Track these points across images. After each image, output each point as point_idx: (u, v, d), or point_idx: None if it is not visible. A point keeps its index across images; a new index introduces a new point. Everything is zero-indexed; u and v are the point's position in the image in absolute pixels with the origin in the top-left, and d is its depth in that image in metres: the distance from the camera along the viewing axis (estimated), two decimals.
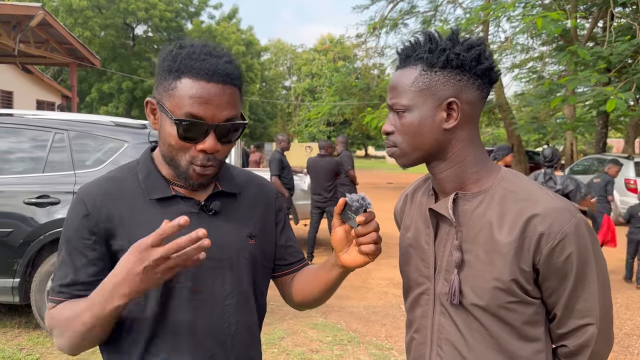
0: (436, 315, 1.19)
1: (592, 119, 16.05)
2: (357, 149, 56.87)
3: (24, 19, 12.07)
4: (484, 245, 1.12)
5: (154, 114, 1.21)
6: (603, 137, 17.43)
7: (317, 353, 4.22)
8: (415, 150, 1.16)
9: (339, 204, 1.16)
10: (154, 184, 1.21)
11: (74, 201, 1.21)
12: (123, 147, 4.36)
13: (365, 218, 1.12)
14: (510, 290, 1.10)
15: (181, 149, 1.15)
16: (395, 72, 1.18)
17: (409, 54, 1.15)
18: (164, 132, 1.16)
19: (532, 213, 1.07)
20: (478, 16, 12.61)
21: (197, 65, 1.12)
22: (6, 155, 4.41)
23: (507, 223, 1.10)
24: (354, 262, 1.18)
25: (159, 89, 1.16)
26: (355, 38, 19.75)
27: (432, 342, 1.20)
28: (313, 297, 1.34)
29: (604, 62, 10.35)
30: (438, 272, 1.19)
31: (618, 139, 35.01)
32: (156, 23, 33.98)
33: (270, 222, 1.38)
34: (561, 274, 1.09)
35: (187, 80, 1.11)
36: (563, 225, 1.06)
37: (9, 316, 4.80)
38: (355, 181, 8.16)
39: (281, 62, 57.17)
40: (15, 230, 4.16)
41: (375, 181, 23.17)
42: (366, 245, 1.13)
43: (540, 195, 1.10)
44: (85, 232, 1.17)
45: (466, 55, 1.10)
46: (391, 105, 1.17)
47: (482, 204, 1.14)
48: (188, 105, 1.11)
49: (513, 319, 1.12)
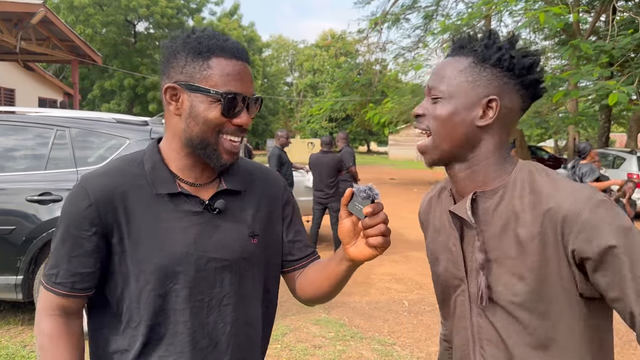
0: (474, 316, 1.17)
1: (595, 114, 16.01)
2: (360, 144, 56.83)
3: (25, 16, 12.07)
4: (510, 240, 1.09)
5: (174, 100, 1.19)
6: (606, 131, 17.38)
7: (319, 349, 4.22)
8: (444, 141, 1.13)
9: (346, 194, 1.12)
10: (160, 178, 1.20)
11: (76, 190, 1.18)
12: (125, 144, 4.36)
13: (372, 209, 1.08)
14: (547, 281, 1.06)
15: (218, 127, 1.16)
16: (445, 59, 1.17)
17: (464, 44, 1.15)
18: (197, 112, 1.16)
19: (551, 202, 1.04)
20: (480, 11, 12.56)
21: (225, 45, 1.17)
22: (8, 152, 4.42)
23: (528, 215, 1.07)
24: (362, 255, 1.14)
25: (184, 73, 1.16)
26: (357, 33, 19.72)
27: (474, 342, 1.17)
28: (322, 292, 1.30)
29: (607, 56, 10.31)
30: (470, 274, 1.16)
31: (621, 134, 34.92)
32: (157, 20, 33.99)
33: (276, 217, 1.36)
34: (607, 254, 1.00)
35: (218, 59, 1.16)
36: (585, 202, 1.01)
37: (12, 313, 4.81)
38: (356, 177, 8.16)
39: (283, 58, 57.14)
40: (18, 228, 4.17)
41: (378, 177, 23.13)
42: (374, 237, 1.09)
43: (556, 184, 1.07)
44: (85, 223, 1.16)
45: (520, 60, 1.10)
46: (430, 88, 1.15)
47: (503, 200, 1.11)
48: (227, 82, 1.15)
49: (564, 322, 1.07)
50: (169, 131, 1.23)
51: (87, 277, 1.18)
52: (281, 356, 4.08)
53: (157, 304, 1.17)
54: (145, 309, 1.17)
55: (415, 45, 18.82)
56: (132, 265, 1.17)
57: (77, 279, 1.18)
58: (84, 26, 30.90)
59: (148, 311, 1.17)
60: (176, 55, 1.18)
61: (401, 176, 24.79)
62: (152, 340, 1.18)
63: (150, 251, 1.16)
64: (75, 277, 1.18)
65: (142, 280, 1.16)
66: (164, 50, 1.22)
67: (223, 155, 1.19)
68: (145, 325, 1.17)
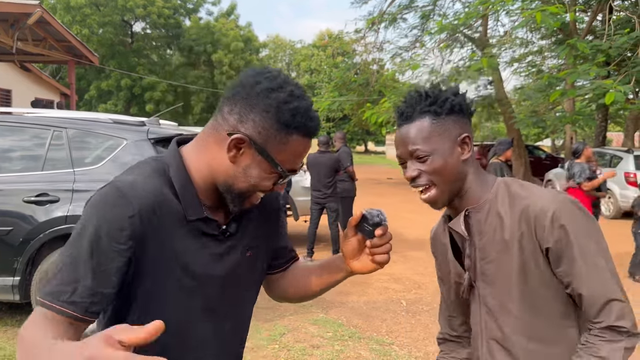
0: (482, 314, 1.38)
1: (592, 113, 16.02)
2: (357, 144, 56.80)
3: (21, 16, 12.03)
4: (498, 245, 1.31)
5: (237, 149, 1.12)
6: (603, 130, 17.41)
7: (318, 349, 4.22)
8: (447, 184, 1.32)
9: (357, 216, 1.26)
10: (190, 201, 1.16)
11: (114, 195, 1.05)
12: (122, 144, 4.35)
13: (383, 232, 1.23)
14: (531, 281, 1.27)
15: (259, 189, 1.18)
16: (403, 127, 1.34)
17: (412, 110, 1.33)
18: (253, 174, 1.14)
19: (523, 206, 1.27)
20: (477, 10, 12.56)
21: (309, 124, 1.14)
22: (5, 153, 4.41)
23: (509, 219, 1.29)
24: (365, 269, 1.29)
25: (261, 133, 1.11)
26: (354, 33, 19.66)
27: (482, 337, 1.39)
28: (311, 294, 1.42)
29: (603, 56, 10.32)
30: (477, 279, 1.37)
31: (618, 133, 34.99)
32: (154, 20, 33.93)
33: (272, 227, 1.39)
34: (567, 251, 1.22)
35: (297, 137, 1.13)
36: (551, 203, 1.24)
37: (9, 314, 4.80)
38: (354, 177, 8.15)
39: (280, 58, 57.08)
40: (15, 229, 4.16)
41: (375, 177, 23.14)
42: (381, 255, 1.25)
43: (529, 192, 1.30)
44: (123, 235, 1.04)
45: (458, 100, 1.33)
46: (411, 153, 1.32)
47: (490, 211, 1.33)
48: (293, 161, 1.16)
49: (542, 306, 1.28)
50: (208, 156, 1.17)
51: (106, 298, 1.05)
52: (279, 356, 4.07)
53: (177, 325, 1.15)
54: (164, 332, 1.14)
55: (412, 45, 18.79)
56: (158, 285, 1.12)
57: (97, 299, 1.03)
58: (81, 26, 30.81)
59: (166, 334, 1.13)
60: (262, 112, 1.11)
61: (399, 176, 24.77)
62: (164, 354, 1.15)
63: (179, 272, 1.14)
64: (96, 296, 1.02)
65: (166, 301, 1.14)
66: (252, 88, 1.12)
67: (246, 205, 1.21)
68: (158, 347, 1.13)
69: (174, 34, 36.00)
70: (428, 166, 1.30)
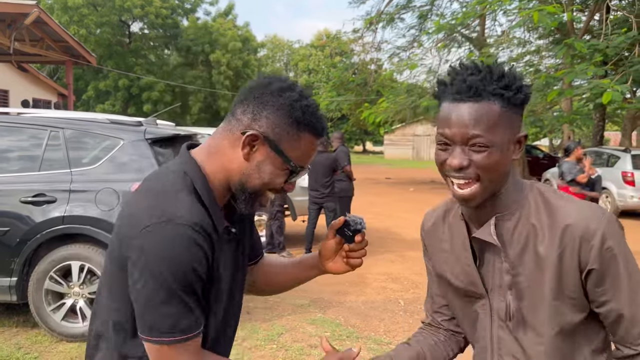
0: (494, 328, 1.26)
1: (589, 112, 16.05)
2: (355, 144, 56.84)
3: (18, 17, 12.01)
4: (530, 259, 1.18)
5: (251, 146, 1.17)
6: (600, 130, 17.44)
7: (315, 348, 4.22)
8: (493, 183, 1.16)
9: (339, 221, 1.36)
10: (216, 213, 1.18)
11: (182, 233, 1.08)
12: (119, 144, 4.34)
13: (361, 238, 1.36)
14: (563, 300, 1.16)
15: (271, 187, 1.22)
16: (463, 104, 1.12)
17: (482, 87, 1.11)
18: (267, 170, 1.19)
19: (567, 222, 1.14)
20: (475, 10, 12.59)
21: (319, 123, 1.20)
22: (2, 154, 4.40)
23: (546, 235, 1.16)
24: (338, 270, 1.43)
25: (275, 132, 1.16)
26: (352, 33, 19.69)
27: (493, 352, 1.27)
28: (281, 287, 1.56)
29: (601, 55, 10.35)
30: (492, 290, 1.25)
31: (615, 132, 35.06)
32: (152, 20, 33.93)
33: (251, 222, 1.45)
34: (611, 270, 1.13)
35: (309, 135, 1.19)
36: (599, 223, 1.13)
37: (6, 315, 4.79)
38: (351, 177, 8.15)
39: (278, 58, 57.09)
40: (12, 229, 4.15)
41: (373, 176, 23.15)
42: (355, 259, 1.40)
43: (568, 204, 1.17)
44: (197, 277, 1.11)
45: (529, 90, 1.18)
46: (469, 139, 1.12)
47: (520, 220, 1.19)
48: (305, 158, 1.21)
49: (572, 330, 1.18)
50: (223, 158, 1.20)
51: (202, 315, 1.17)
52: (277, 356, 4.07)
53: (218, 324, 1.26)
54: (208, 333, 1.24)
55: (410, 45, 18.84)
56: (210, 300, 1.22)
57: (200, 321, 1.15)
58: (78, 27, 30.79)
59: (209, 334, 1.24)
60: (275, 110, 1.16)
61: (397, 175, 24.81)
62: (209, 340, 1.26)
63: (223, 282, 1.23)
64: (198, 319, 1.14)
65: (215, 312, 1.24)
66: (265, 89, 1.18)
67: (256, 207, 1.25)
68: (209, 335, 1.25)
69: (171, 34, 36.01)
70: (484, 159, 1.11)
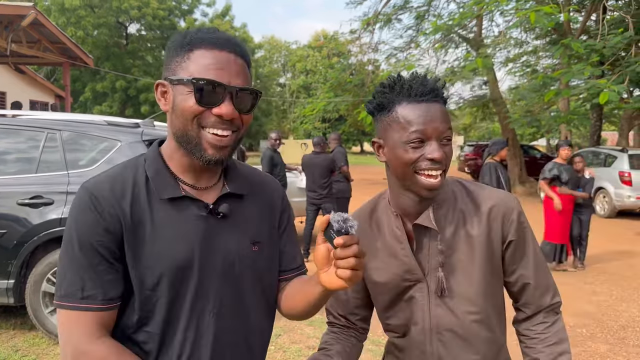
0: (432, 308, 1.35)
1: (586, 112, 16.07)
2: (353, 145, 56.85)
3: (15, 18, 12.00)
4: (461, 239, 1.34)
5: (164, 97, 1.18)
6: (597, 130, 17.47)
7: (314, 350, 4.22)
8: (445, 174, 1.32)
9: (323, 220, 1.09)
10: (163, 183, 1.17)
11: (83, 197, 1.12)
12: (116, 146, 4.34)
13: (344, 241, 1.02)
14: (492, 272, 1.35)
15: (196, 117, 1.12)
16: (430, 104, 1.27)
17: (437, 90, 1.28)
18: (178, 105, 1.13)
19: (490, 205, 1.35)
20: (472, 10, 12.60)
21: (207, 36, 1.15)
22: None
23: (474, 218, 1.35)
24: (331, 284, 1.09)
25: (169, 68, 1.17)
26: (349, 34, 19.69)
27: (432, 331, 1.36)
28: (298, 311, 1.29)
29: (597, 55, 10.37)
30: (428, 273, 1.36)
31: (612, 132, 35.12)
32: (149, 21, 33.87)
33: (275, 224, 1.34)
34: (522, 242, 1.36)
35: (200, 51, 1.14)
36: (514, 203, 1.37)
37: (4, 317, 4.78)
38: (349, 177, 8.15)
39: (275, 59, 57.03)
40: (9, 232, 4.14)
41: (371, 177, 23.15)
42: (342, 270, 1.04)
43: (486, 191, 1.39)
44: (100, 230, 1.10)
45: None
46: (441, 133, 1.27)
47: (450, 208, 1.36)
48: (204, 71, 1.11)
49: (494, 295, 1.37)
50: (168, 131, 1.22)
51: (115, 283, 1.11)
52: (275, 358, 4.07)
53: (163, 312, 1.14)
54: (151, 321, 1.14)
55: (407, 46, 18.85)
56: (139, 273, 1.12)
57: (106, 288, 1.10)
58: (75, 28, 30.72)
59: (155, 320, 1.14)
60: (167, 53, 1.19)
61: None
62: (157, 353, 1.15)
63: (157, 257, 1.13)
64: (105, 286, 1.10)
65: (146, 291, 1.13)
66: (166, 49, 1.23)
67: (207, 150, 1.14)
68: (149, 337, 1.14)
69: (169, 35, 35.92)
70: (450, 151, 1.29)
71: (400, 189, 1.34)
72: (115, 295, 1.12)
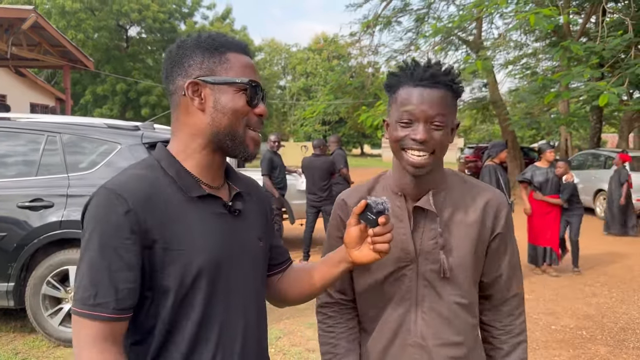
0: (420, 288, 1.41)
1: (586, 114, 16.10)
2: (353, 147, 56.88)
3: (16, 22, 12.02)
4: (456, 226, 1.41)
5: (197, 95, 1.19)
6: (597, 132, 17.47)
7: (313, 352, 4.22)
8: (440, 159, 1.39)
9: (361, 205, 1.25)
10: (188, 181, 1.19)
11: (107, 195, 1.09)
12: (116, 149, 4.35)
13: (386, 220, 1.22)
14: (478, 259, 1.43)
15: (243, 116, 1.20)
16: (430, 89, 1.33)
17: (441, 77, 1.33)
18: (224, 104, 1.18)
19: (486, 198, 1.45)
20: (471, 13, 12.60)
21: (235, 42, 1.23)
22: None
23: (469, 207, 1.43)
24: (365, 258, 1.28)
25: (203, 68, 1.19)
26: (349, 37, 19.71)
27: (417, 309, 1.42)
28: (310, 293, 1.41)
29: (597, 58, 10.36)
30: (420, 254, 1.41)
31: (612, 134, 35.11)
32: (149, 24, 33.89)
33: (269, 223, 1.43)
34: (506, 237, 1.46)
35: (234, 54, 1.21)
36: (504, 201, 1.47)
37: (4, 320, 4.78)
38: (349, 180, 8.15)
39: (276, 62, 57.06)
40: (9, 234, 4.15)
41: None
42: (382, 244, 1.24)
43: (483, 185, 1.49)
44: (125, 231, 1.07)
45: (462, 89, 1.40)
46: (431, 117, 1.32)
47: (447, 196, 1.44)
48: (247, 73, 1.20)
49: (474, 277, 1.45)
50: (185, 131, 1.22)
51: (130, 293, 1.08)
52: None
53: (200, 311, 1.16)
54: (188, 319, 1.15)
55: (407, 48, 18.83)
56: (175, 274, 1.12)
57: (121, 297, 1.06)
58: (76, 31, 30.75)
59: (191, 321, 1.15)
60: (191, 54, 1.20)
61: None
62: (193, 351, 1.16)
63: (195, 253, 1.14)
64: (119, 293, 1.06)
65: (185, 288, 1.14)
66: (172, 54, 1.23)
67: (250, 146, 1.22)
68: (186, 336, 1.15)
69: (169, 38, 35.96)
70: (440, 136, 1.33)
71: (398, 167, 1.43)
72: (127, 306, 1.09)
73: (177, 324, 1.15)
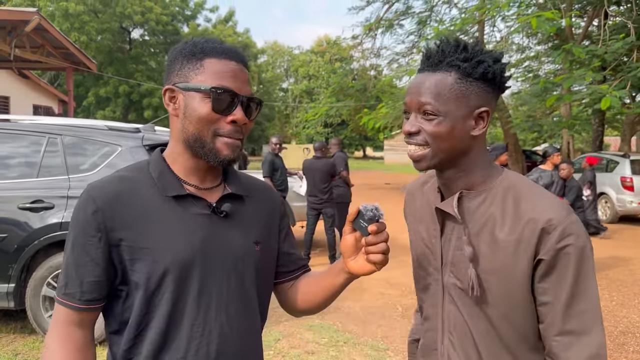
0: (446, 304, 1.25)
1: (588, 117, 16.06)
2: (355, 149, 56.89)
3: (19, 24, 12.06)
4: (486, 240, 1.18)
5: (173, 101, 1.22)
6: (600, 135, 17.46)
7: (313, 355, 4.22)
8: (442, 152, 1.18)
9: (352, 211, 1.18)
10: (168, 182, 1.22)
11: (83, 198, 1.18)
12: (117, 151, 4.36)
13: (377, 228, 1.14)
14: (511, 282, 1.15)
15: (210, 123, 1.18)
16: (422, 74, 1.19)
17: (440, 59, 1.17)
18: (191, 110, 1.18)
19: (531, 216, 1.13)
20: (473, 16, 12.61)
21: (218, 47, 1.21)
22: (0, 160, 4.41)
23: (507, 222, 1.15)
24: (361, 270, 1.21)
25: (179, 75, 1.21)
26: (352, 39, 19.73)
27: (443, 328, 1.26)
28: (316, 303, 1.37)
29: (599, 61, 10.36)
30: (445, 265, 1.25)
31: (615, 137, 35.05)
32: (152, 27, 34.03)
33: (274, 228, 1.40)
34: (558, 269, 1.11)
35: (212, 60, 1.20)
36: (561, 220, 1.11)
37: (4, 321, 4.79)
38: (349, 182, 8.14)
39: (278, 64, 57.21)
40: (10, 236, 4.16)
41: (373, 182, 23.16)
42: (374, 254, 1.16)
43: (537, 198, 1.16)
44: (91, 229, 1.15)
45: (496, 68, 1.16)
46: (420, 106, 1.17)
47: (484, 202, 1.20)
48: (218, 79, 1.18)
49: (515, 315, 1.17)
50: (172, 135, 1.26)
51: (95, 286, 1.16)
52: None
53: (168, 307, 1.17)
54: (156, 314, 1.17)
55: (409, 51, 18.85)
56: (142, 271, 1.16)
57: (85, 289, 1.16)
58: (79, 33, 30.87)
59: (159, 317, 1.17)
60: (174, 60, 1.23)
61: (396, 181, 24.80)
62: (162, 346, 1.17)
63: (162, 252, 1.16)
64: (83, 286, 1.16)
65: (153, 285, 1.16)
66: (167, 60, 1.28)
67: (223, 151, 1.19)
68: (155, 331, 1.17)
69: (172, 40, 36.09)
70: (433, 127, 1.16)
71: None
72: (92, 298, 1.17)
73: (147, 318, 1.18)
